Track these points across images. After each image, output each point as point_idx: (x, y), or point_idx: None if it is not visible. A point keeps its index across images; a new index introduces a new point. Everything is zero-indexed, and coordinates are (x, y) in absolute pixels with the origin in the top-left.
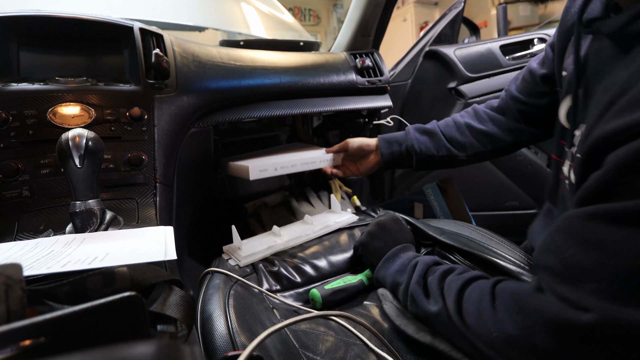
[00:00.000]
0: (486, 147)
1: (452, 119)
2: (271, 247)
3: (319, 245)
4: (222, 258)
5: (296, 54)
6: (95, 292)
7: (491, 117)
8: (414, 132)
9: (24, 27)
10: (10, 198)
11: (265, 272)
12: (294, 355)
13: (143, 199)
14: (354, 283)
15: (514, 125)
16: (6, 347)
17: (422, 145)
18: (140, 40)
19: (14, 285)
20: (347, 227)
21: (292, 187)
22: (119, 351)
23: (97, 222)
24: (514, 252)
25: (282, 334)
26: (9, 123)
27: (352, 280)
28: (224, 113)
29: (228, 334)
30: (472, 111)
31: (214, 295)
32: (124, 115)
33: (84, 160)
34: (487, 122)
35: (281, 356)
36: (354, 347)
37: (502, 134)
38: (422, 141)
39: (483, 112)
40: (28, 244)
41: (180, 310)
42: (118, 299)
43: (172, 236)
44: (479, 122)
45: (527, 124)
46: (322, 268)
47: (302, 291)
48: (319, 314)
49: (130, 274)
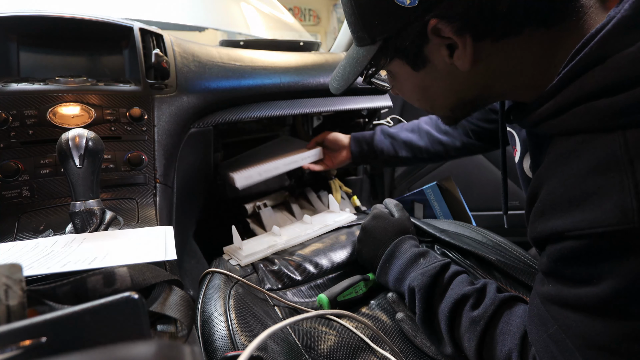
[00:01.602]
0: (441, 153)
1: (417, 124)
2: (271, 246)
3: (319, 243)
4: (223, 258)
5: (296, 54)
6: (95, 292)
7: (445, 130)
8: (379, 134)
9: (24, 27)
10: (10, 198)
11: (265, 271)
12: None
13: (143, 199)
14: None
15: (465, 139)
16: (6, 347)
17: (384, 147)
18: (140, 40)
19: (14, 285)
20: (346, 226)
21: (292, 187)
22: (119, 351)
23: (97, 222)
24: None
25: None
26: (9, 123)
27: (362, 289)
28: (224, 113)
29: (228, 334)
30: (434, 119)
31: (214, 296)
32: (124, 115)
33: (84, 160)
34: (442, 132)
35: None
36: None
37: (455, 143)
38: (385, 143)
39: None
40: (28, 244)
41: (180, 310)
42: (118, 299)
43: (172, 236)
44: (437, 131)
45: (477, 140)
46: (322, 265)
47: (304, 288)
48: (319, 313)
49: (130, 274)
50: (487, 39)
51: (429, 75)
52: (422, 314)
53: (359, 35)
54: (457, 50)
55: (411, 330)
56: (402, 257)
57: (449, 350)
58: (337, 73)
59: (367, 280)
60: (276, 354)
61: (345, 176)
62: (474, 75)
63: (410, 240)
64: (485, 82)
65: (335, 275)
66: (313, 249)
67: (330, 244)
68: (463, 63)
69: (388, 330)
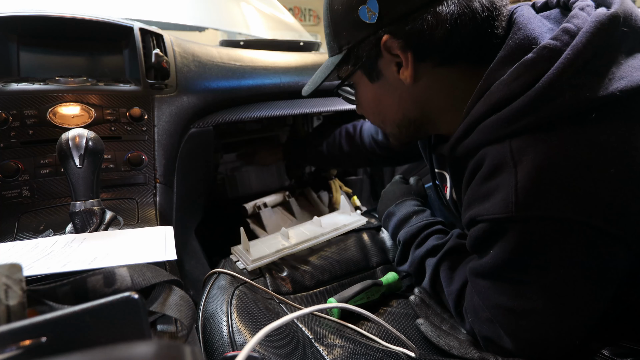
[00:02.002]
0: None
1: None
2: (280, 250)
3: (328, 248)
4: (230, 259)
5: (296, 54)
6: (95, 292)
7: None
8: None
9: (24, 27)
10: (10, 198)
11: (273, 275)
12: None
13: (143, 199)
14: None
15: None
16: (6, 347)
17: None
18: (140, 40)
19: (14, 285)
20: (355, 230)
21: (292, 187)
22: (119, 351)
23: (97, 222)
24: None
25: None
26: (9, 123)
27: (374, 295)
28: (224, 113)
29: (228, 334)
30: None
31: (217, 296)
32: (124, 115)
33: (84, 160)
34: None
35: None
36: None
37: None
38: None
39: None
40: (28, 244)
41: (180, 310)
42: (118, 299)
43: (172, 236)
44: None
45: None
46: (331, 272)
47: (313, 294)
48: (320, 307)
49: (130, 274)
50: (427, 61)
51: (382, 88)
52: (399, 260)
53: (331, 45)
54: (402, 67)
55: (432, 332)
56: (399, 214)
57: None
58: (311, 79)
59: (379, 286)
60: (284, 348)
61: (345, 176)
62: (416, 92)
63: (411, 201)
64: (425, 101)
65: (345, 281)
66: (321, 255)
67: (338, 250)
68: (406, 78)
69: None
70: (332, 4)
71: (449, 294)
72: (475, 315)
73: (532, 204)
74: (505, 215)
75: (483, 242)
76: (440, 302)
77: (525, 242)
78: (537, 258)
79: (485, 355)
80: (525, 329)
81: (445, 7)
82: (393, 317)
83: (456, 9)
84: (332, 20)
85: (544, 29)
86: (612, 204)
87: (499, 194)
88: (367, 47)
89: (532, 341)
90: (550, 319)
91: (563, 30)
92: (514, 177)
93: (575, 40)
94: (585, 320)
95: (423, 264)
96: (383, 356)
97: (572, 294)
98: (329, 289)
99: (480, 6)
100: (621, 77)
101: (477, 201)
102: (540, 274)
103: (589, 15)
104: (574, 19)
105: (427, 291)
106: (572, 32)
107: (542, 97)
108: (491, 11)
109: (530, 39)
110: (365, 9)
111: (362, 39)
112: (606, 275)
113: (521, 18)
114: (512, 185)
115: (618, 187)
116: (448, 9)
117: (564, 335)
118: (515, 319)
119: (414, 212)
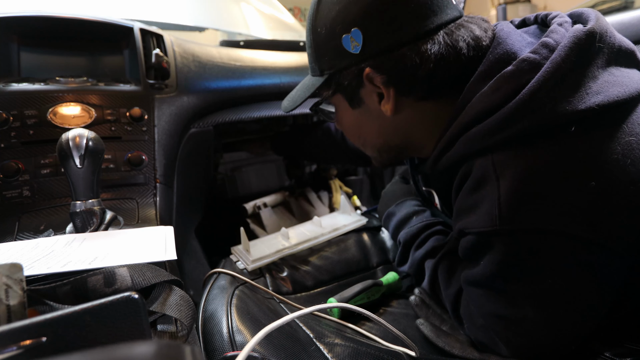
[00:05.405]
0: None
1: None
2: (280, 250)
3: (328, 248)
4: (230, 259)
5: (296, 54)
6: (95, 292)
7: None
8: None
9: (24, 28)
10: (11, 198)
11: (273, 275)
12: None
13: (143, 199)
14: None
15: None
16: (7, 347)
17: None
18: (140, 41)
19: (14, 285)
20: (356, 230)
21: (292, 187)
22: (119, 351)
23: (97, 222)
24: None
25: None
26: (9, 123)
27: (374, 295)
28: (224, 113)
29: (228, 334)
30: None
31: (218, 296)
32: (124, 116)
33: (84, 160)
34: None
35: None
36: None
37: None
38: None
39: None
40: (28, 244)
41: (180, 310)
42: (118, 299)
43: (172, 236)
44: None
45: None
46: (331, 272)
47: (313, 294)
48: (320, 307)
49: (131, 274)
50: (410, 96)
51: (363, 115)
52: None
53: (312, 65)
54: (383, 99)
55: (432, 332)
56: (399, 214)
57: None
58: (290, 95)
59: (379, 286)
60: (284, 347)
61: (345, 176)
62: (398, 123)
63: (411, 201)
64: (406, 130)
65: (345, 281)
66: (322, 255)
67: (339, 250)
68: (387, 111)
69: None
70: (315, 26)
71: (447, 296)
72: (471, 321)
73: (515, 217)
74: (490, 228)
75: (473, 253)
76: (440, 303)
77: (512, 254)
78: (525, 268)
79: (485, 356)
80: (519, 335)
81: (430, 46)
82: (393, 317)
83: (441, 49)
84: (315, 42)
85: (523, 43)
86: (594, 214)
87: (483, 206)
88: (348, 76)
89: (526, 347)
90: (542, 326)
91: (542, 45)
92: (497, 190)
93: (554, 54)
94: (579, 326)
95: (423, 265)
96: (384, 355)
97: (563, 301)
98: (329, 289)
99: (466, 47)
100: (598, 92)
101: (464, 213)
102: (530, 283)
103: (567, 31)
104: (552, 33)
105: (427, 292)
106: (551, 46)
107: (523, 108)
108: (477, 51)
109: (510, 53)
110: (349, 39)
111: (344, 67)
112: (597, 283)
113: (501, 32)
114: (495, 199)
115: (599, 198)
116: (432, 48)
117: (558, 341)
118: (508, 326)
119: (414, 212)
